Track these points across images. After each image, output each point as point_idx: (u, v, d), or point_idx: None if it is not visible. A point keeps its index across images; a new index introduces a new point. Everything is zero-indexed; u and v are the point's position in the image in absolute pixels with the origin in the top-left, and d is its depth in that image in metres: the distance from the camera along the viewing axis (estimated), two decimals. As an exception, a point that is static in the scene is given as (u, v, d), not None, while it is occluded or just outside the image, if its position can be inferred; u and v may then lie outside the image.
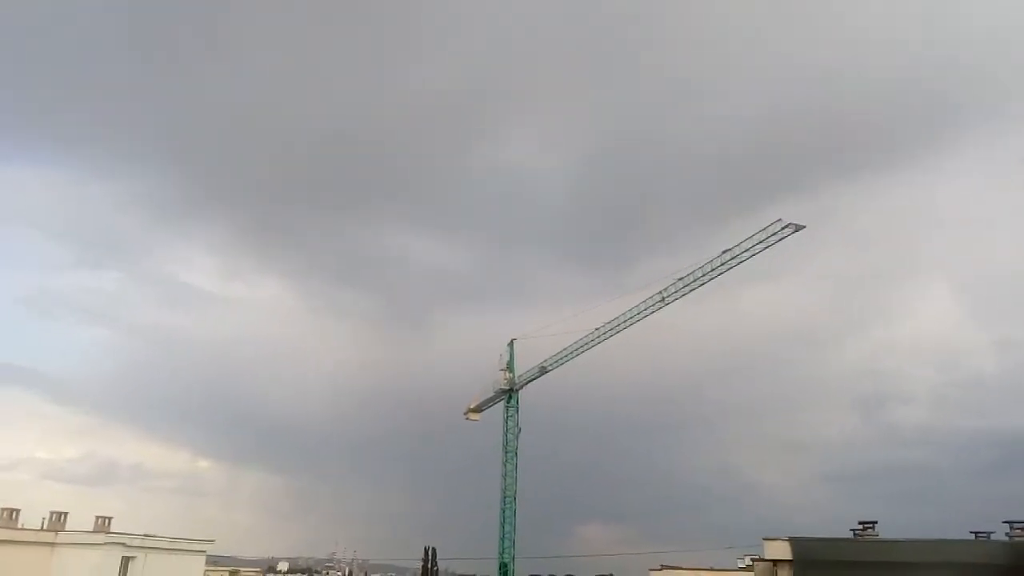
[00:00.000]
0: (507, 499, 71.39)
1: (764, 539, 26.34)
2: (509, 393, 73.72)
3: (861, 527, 27.14)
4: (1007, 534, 26.13)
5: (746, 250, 58.25)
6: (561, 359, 69.97)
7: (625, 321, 65.23)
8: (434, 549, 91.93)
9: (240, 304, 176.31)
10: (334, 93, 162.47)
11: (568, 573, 79.72)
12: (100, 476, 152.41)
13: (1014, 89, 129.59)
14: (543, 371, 71.64)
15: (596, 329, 66.71)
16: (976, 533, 27.02)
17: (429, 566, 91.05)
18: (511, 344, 75.18)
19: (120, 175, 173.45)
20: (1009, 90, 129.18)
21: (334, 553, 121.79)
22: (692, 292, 61.97)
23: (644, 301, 63.97)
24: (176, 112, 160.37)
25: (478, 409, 76.33)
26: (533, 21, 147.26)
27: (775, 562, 26.26)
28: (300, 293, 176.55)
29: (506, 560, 69.51)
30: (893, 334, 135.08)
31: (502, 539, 70.08)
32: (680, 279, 61.78)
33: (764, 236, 57.33)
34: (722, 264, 59.62)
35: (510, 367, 74.32)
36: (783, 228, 56.58)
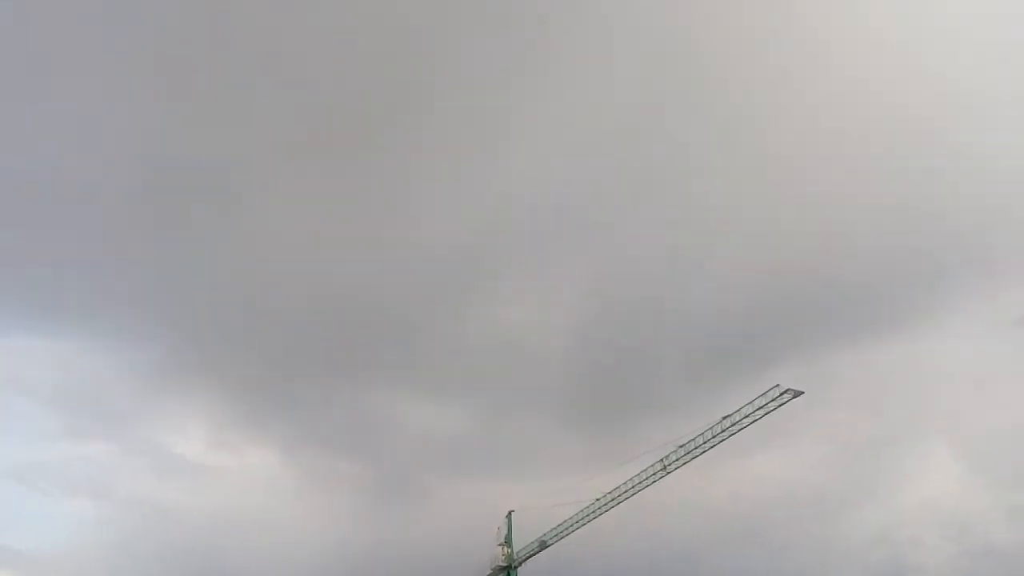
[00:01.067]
0: None
1: None
2: (507, 570, 70.41)
3: None
4: None
5: (746, 416, 58.16)
6: (561, 532, 67.43)
7: (627, 490, 63.66)
8: None
9: (230, 474, 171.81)
10: (333, 257, 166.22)
11: None
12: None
13: (1002, 251, 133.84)
14: (543, 545, 68.79)
15: (597, 500, 64.86)
16: None
17: None
18: (509, 516, 72.57)
19: (113, 342, 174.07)
20: (998, 252, 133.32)
21: None
22: (694, 459, 61.06)
23: (645, 469, 62.77)
24: (175, 277, 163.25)
25: (475, 588, 72.69)
26: (533, 182, 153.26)
27: None
28: (291, 462, 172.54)
29: None
30: (899, 500, 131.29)
31: None
32: (681, 446, 61.02)
33: (763, 402, 57.46)
34: (723, 431, 59.26)
35: (508, 541, 71.39)
36: (782, 394, 56.80)
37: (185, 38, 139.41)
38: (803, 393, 57.68)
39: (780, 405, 57.14)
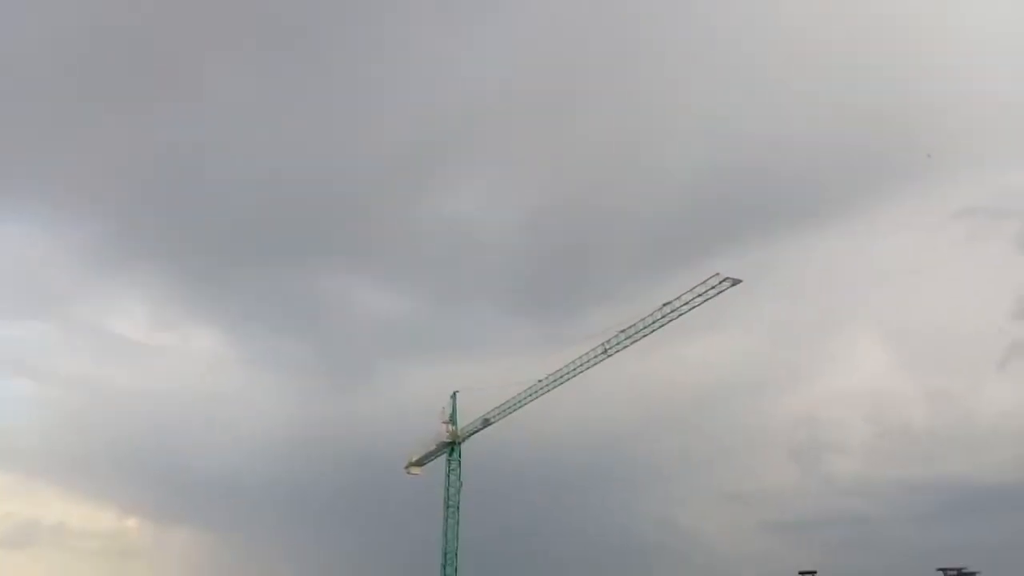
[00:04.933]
0: (448, 556, 70.08)
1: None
2: (451, 446, 72.85)
3: (800, 577, 27.53)
4: (942, 580, 26.75)
5: (686, 303, 59.59)
6: (505, 411, 69.69)
7: (568, 373, 65.58)
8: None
9: (173, 354, 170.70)
10: (285, 142, 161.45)
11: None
12: (19, 537, 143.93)
13: (945, 144, 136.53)
14: (486, 423, 71.16)
15: (539, 381, 66.82)
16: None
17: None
18: (454, 396, 74.59)
19: (52, 223, 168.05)
20: (935, 146, 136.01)
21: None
22: (634, 344, 62.90)
23: (587, 353, 64.48)
24: (116, 156, 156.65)
25: (419, 463, 75.13)
26: (484, 76, 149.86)
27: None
28: (236, 342, 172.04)
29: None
30: (828, 385, 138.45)
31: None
32: (622, 331, 62.63)
33: (703, 290, 58.83)
34: (663, 316, 60.78)
35: (452, 419, 73.60)
36: (721, 282, 58.25)
37: None
38: (741, 282, 59.24)
39: (719, 293, 58.65)
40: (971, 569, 24.98)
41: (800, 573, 26.88)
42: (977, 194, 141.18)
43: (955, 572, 25.83)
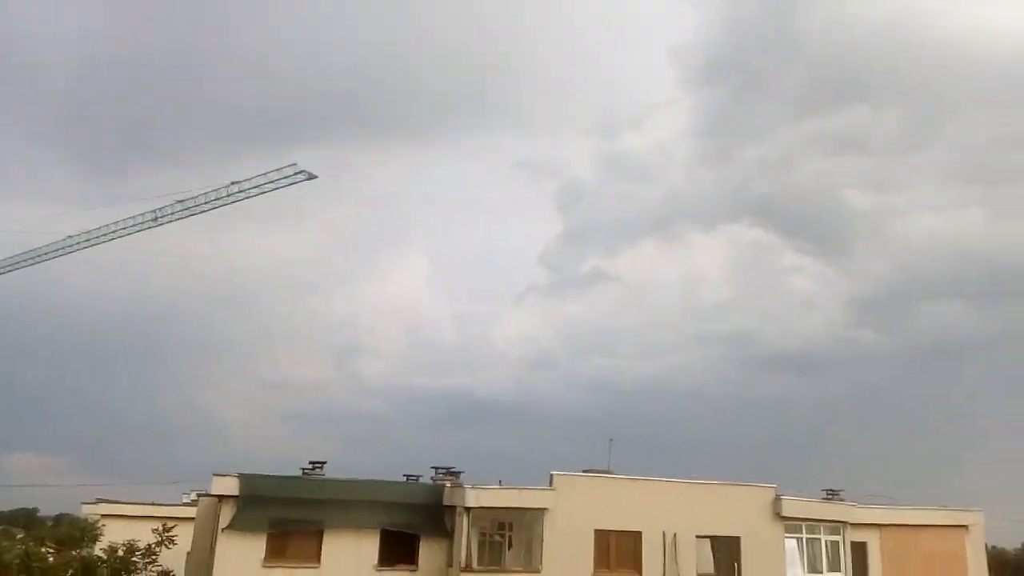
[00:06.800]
0: None
1: (214, 475, 25.99)
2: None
3: (311, 466, 28.34)
4: (432, 477, 29.78)
5: (256, 186, 57.41)
6: (15, 264, 59.64)
7: (106, 234, 58.43)
8: None
9: None
10: None
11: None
12: None
13: (502, 98, 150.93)
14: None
15: (70, 236, 58.45)
16: (408, 476, 30.27)
17: None
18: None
19: None
20: (497, 99, 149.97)
21: None
22: (192, 218, 58.58)
23: (134, 217, 58.17)
24: None
25: None
26: None
27: (220, 497, 25.97)
28: None
29: None
30: (374, 292, 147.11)
31: None
32: (179, 201, 57.82)
33: (277, 176, 57.38)
34: (228, 195, 57.61)
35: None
36: (296, 173, 57.25)
37: None
38: (317, 177, 58.78)
39: (292, 184, 57.58)
40: (457, 469, 28.84)
41: (310, 462, 28.00)
42: (533, 150, 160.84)
43: (444, 470, 29.71)
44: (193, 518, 30.53)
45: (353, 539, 26.70)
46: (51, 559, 25.52)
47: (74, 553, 26.25)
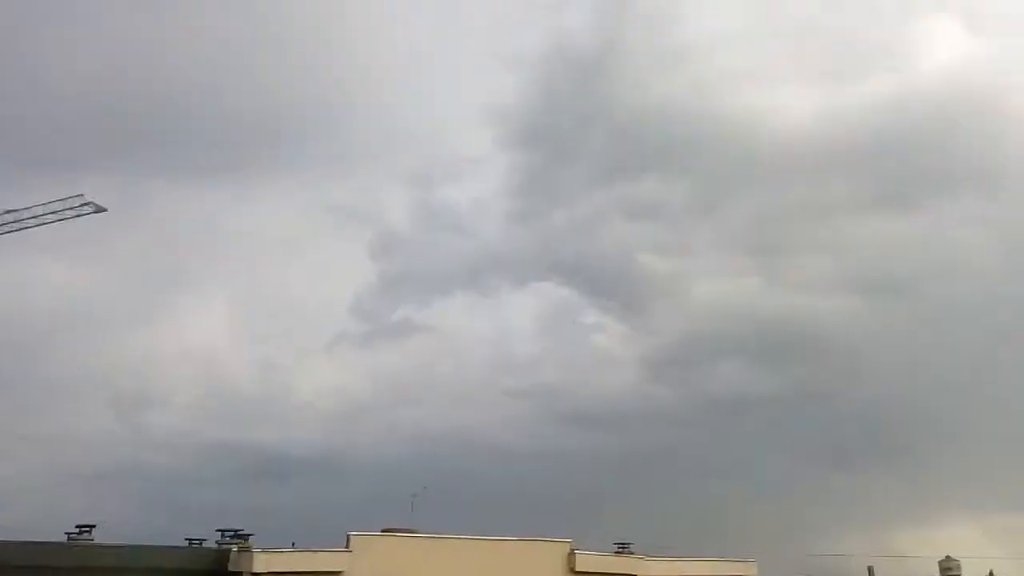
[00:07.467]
0: None
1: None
2: None
3: (77, 531, 25.74)
4: (217, 541, 27.84)
5: (34, 216, 53.29)
6: None
7: None
8: None
9: None
10: None
11: None
12: None
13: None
14: None
15: None
16: (190, 540, 28.08)
17: None
18: None
19: None
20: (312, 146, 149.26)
21: None
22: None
23: None
24: None
25: None
26: None
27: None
28: None
29: None
30: (167, 336, 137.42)
31: None
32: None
33: (60, 208, 53.94)
34: (2, 225, 52.78)
35: None
36: (83, 204, 54.08)
37: None
38: (106, 211, 55.95)
39: (78, 216, 54.13)
40: (247, 532, 26.87)
41: (77, 526, 25.48)
42: (347, 195, 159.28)
43: (232, 533, 27.83)
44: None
45: (124, 612, 24.34)
46: None
47: None
